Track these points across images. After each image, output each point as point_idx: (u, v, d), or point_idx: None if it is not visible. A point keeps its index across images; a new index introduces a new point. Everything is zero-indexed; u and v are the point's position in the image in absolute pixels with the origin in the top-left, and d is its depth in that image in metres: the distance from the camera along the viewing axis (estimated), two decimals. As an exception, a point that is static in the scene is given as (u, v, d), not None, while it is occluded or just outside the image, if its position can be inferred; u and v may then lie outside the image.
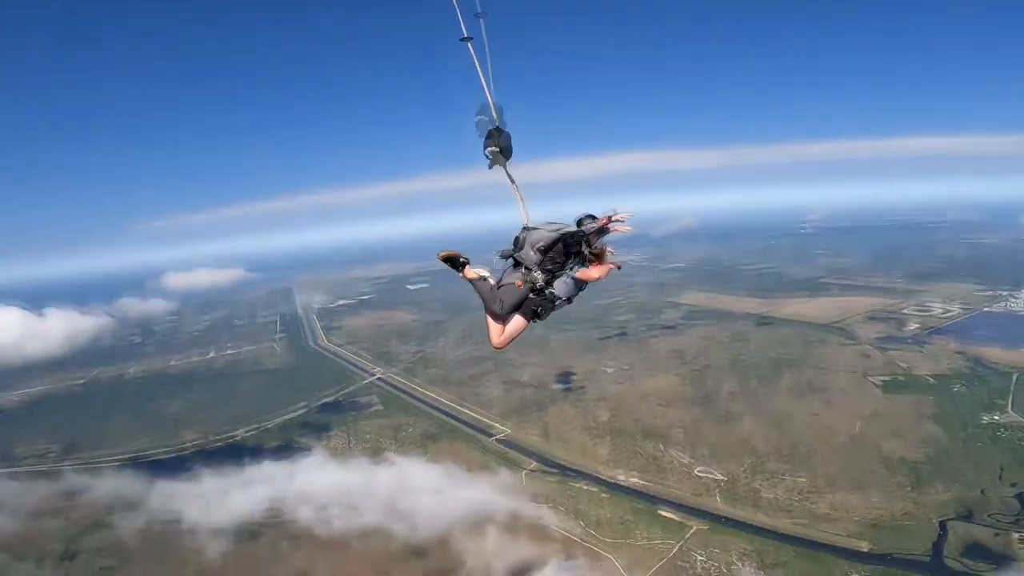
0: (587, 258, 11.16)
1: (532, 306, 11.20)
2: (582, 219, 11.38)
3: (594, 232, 11.14)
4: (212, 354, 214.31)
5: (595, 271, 11.16)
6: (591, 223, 11.25)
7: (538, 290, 11.14)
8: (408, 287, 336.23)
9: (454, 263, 11.36)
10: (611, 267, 11.35)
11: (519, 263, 11.23)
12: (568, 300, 11.44)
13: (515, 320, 11.28)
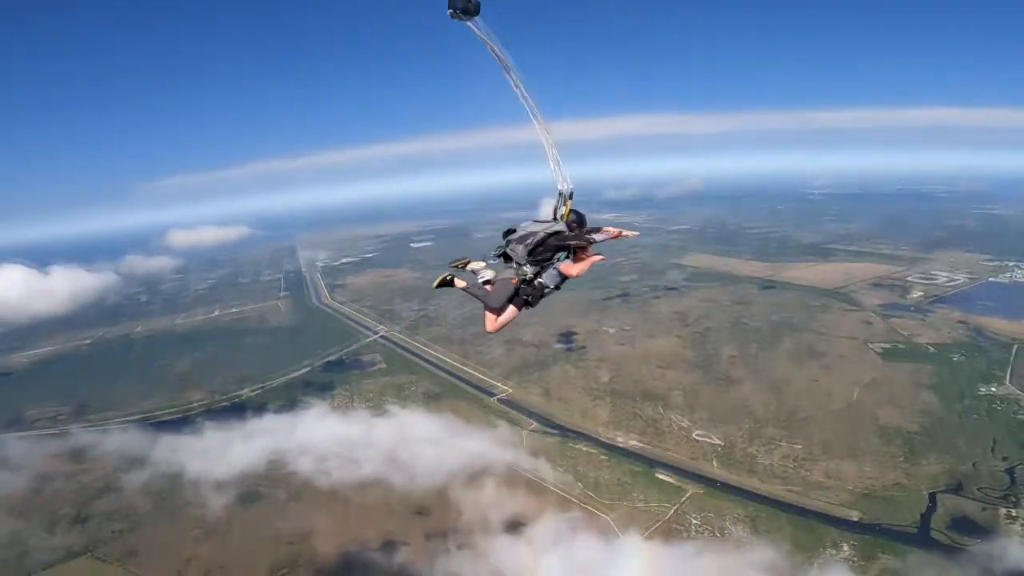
0: (571, 253, 12.46)
1: (523, 296, 12.72)
2: (574, 220, 12.72)
3: (590, 236, 12.62)
4: (217, 312, 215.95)
5: (575, 268, 12.34)
6: (598, 235, 12.79)
7: (528, 281, 12.59)
8: (411, 245, 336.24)
9: (448, 283, 13.49)
10: (594, 261, 12.42)
11: (511, 258, 12.63)
12: (556, 287, 12.74)
13: (509, 310, 12.87)
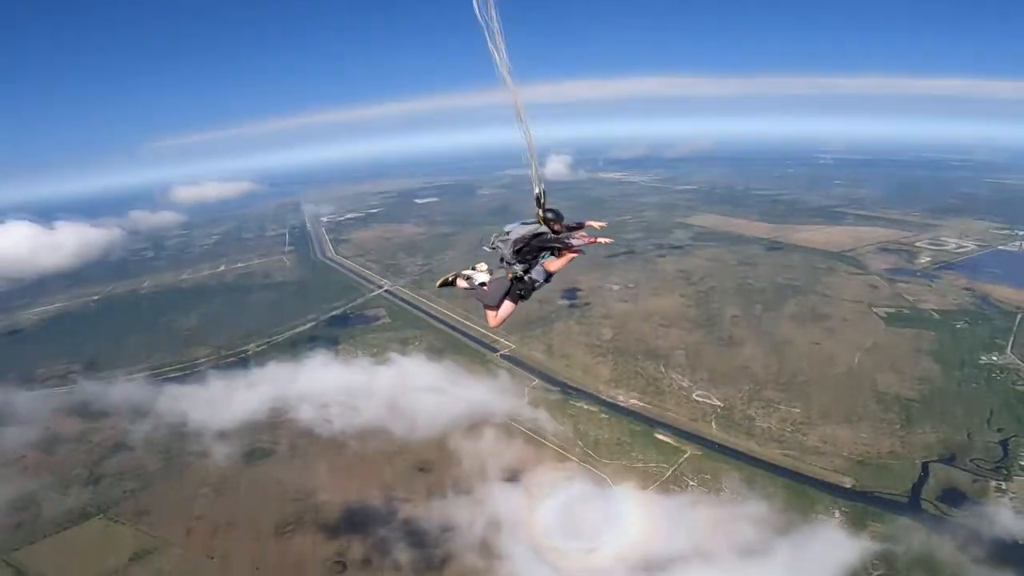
0: (555, 251, 13.84)
1: (517, 291, 14.14)
2: (550, 218, 13.78)
3: (569, 237, 13.89)
4: (222, 267, 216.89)
5: (555, 264, 13.88)
6: (578, 237, 13.93)
7: (520, 278, 14.00)
8: (416, 201, 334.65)
9: (450, 284, 14.88)
10: (572, 257, 13.91)
11: (502, 258, 14.01)
12: (545, 280, 14.17)
13: (505, 305, 14.27)
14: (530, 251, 13.80)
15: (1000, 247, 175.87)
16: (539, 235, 13.79)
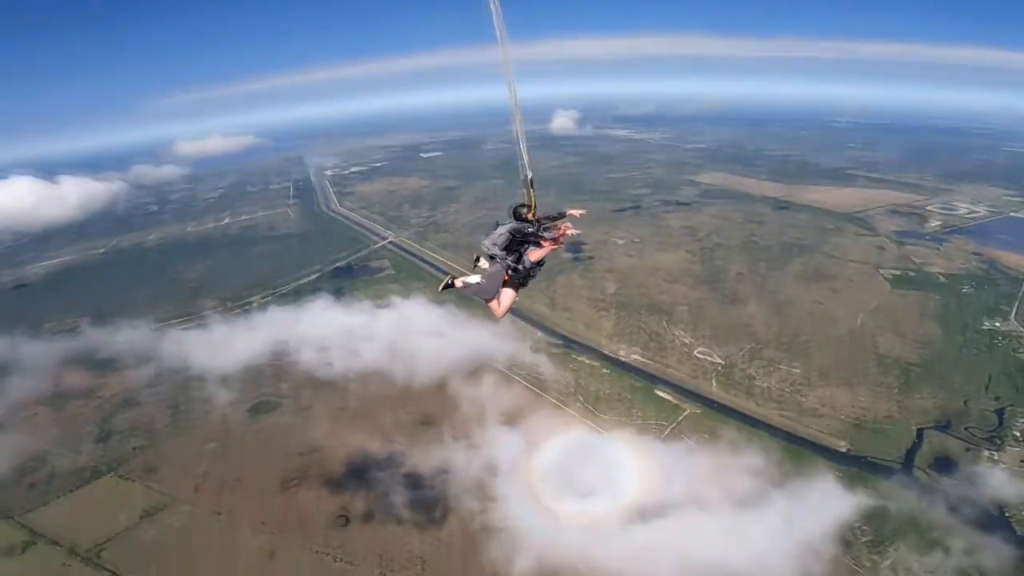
0: (536, 241, 15.47)
1: (516, 280, 15.67)
2: (517, 209, 15.72)
3: (548, 228, 15.61)
4: (227, 220, 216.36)
5: (536, 254, 15.54)
6: (548, 228, 15.59)
7: (514, 268, 15.56)
8: (421, 155, 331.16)
9: (449, 287, 16.32)
10: (553, 248, 15.71)
11: (493, 256, 15.63)
12: (538, 265, 15.77)
13: (505, 294, 15.69)
14: (515, 244, 15.45)
15: (1012, 214, 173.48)
16: (518, 230, 15.50)
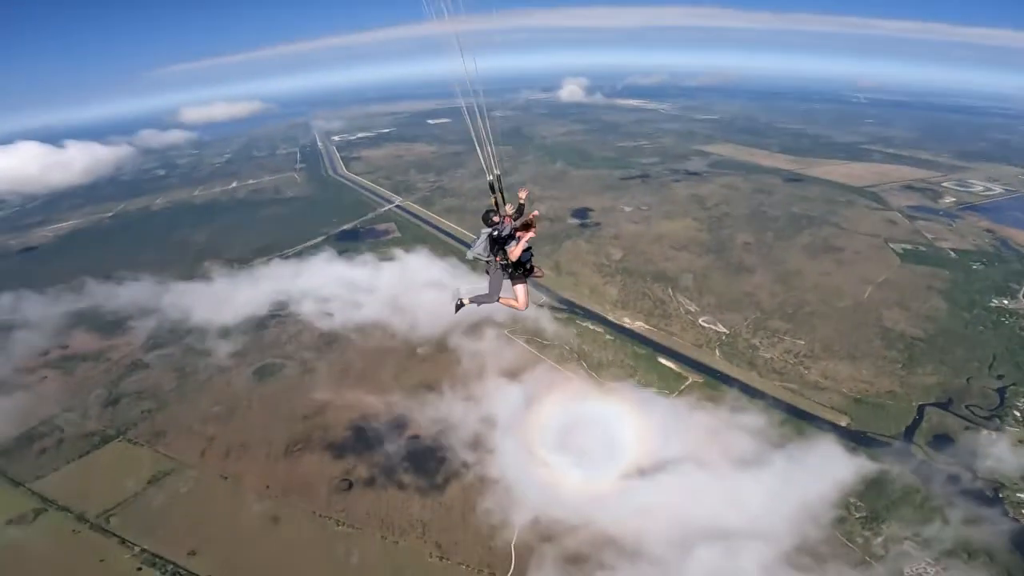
0: (513, 238, 17.14)
1: (519, 273, 17.49)
2: (487, 215, 17.33)
3: (518, 226, 17.26)
4: (234, 184, 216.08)
5: (514, 251, 16.96)
6: (517, 224, 17.41)
7: (507, 265, 17.33)
8: (428, 122, 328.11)
9: (462, 306, 18.44)
10: (526, 239, 17.01)
11: (488, 261, 17.51)
12: (529, 255, 17.52)
13: (517, 289, 17.66)
14: (497, 246, 17.21)
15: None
16: (492, 235, 17.24)
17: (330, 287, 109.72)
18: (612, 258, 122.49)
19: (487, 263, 17.67)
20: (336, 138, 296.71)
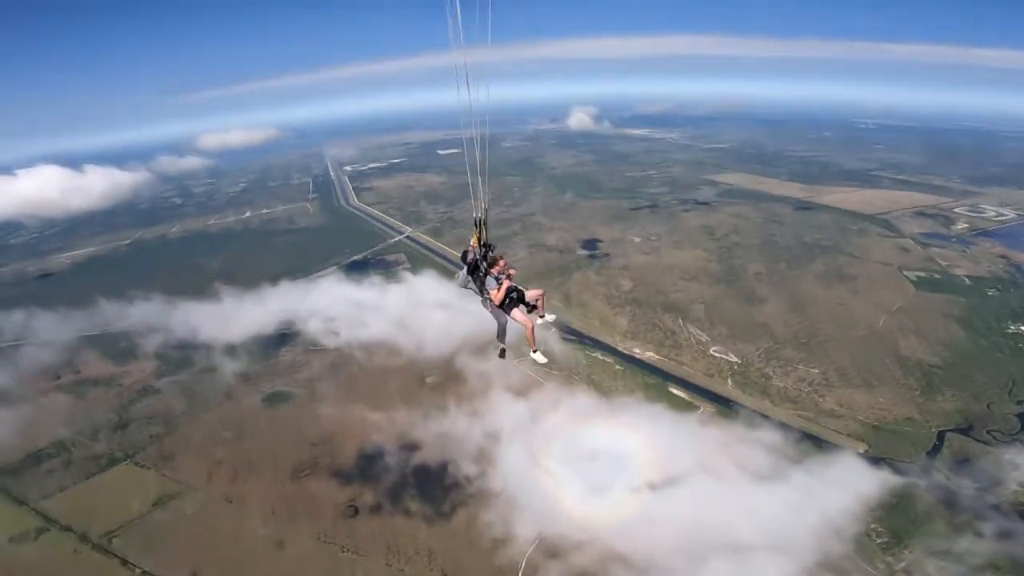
0: (487, 272, 19.05)
1: (510, 304, 19.09)
2: (466, 257, 19.67)
3: (491, 263, 18.99)
4: (248, 214, 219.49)
5: (495, 296, 18.75)
6: (491, 263, 19.03)
7: (495, 298, 19.01)
8: (439, 152, 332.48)
9: (503, 353, 20.55)
10: (503, 289, 18.82)
11: (483, 292, 19.20)
12: (516, 289, 19.29)
13: (515, 313, 19.13)
14: (478, 281, 19.16)
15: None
16: (471, 269, 19.36)
17: (337, 307, 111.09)
18: (622, 289, 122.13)
19: (484, 302, 19.48)
20: (348, 168, 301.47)
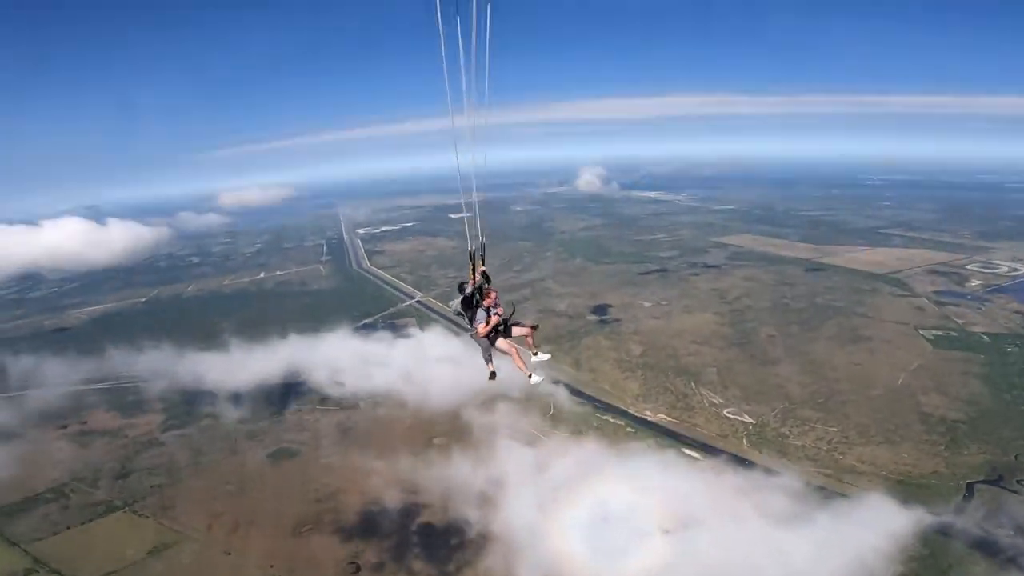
0: (479, 305, 19.57)
1: (495, 334, 19.64)
2: (462, 287, 19.88)
3: (484, 295, 19.51)
4: (262, 275, 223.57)
5: (481, 329, 19.39)
6: (484, 295, 19.57)
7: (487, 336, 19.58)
8: (450, 216, 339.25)
9: (493, 374, 20.17)
10: (493, 324, 19.45)
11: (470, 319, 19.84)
12: (503, 320, 19.87)
13: (500, 343, 19.71)
14: (469, 310, 19.66)
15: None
16: (465, 301, 19.68)
17: (345, 359, 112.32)
18: (632, 353, 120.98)
19: (471, 332, 20.10)
20: (361, 231, 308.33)
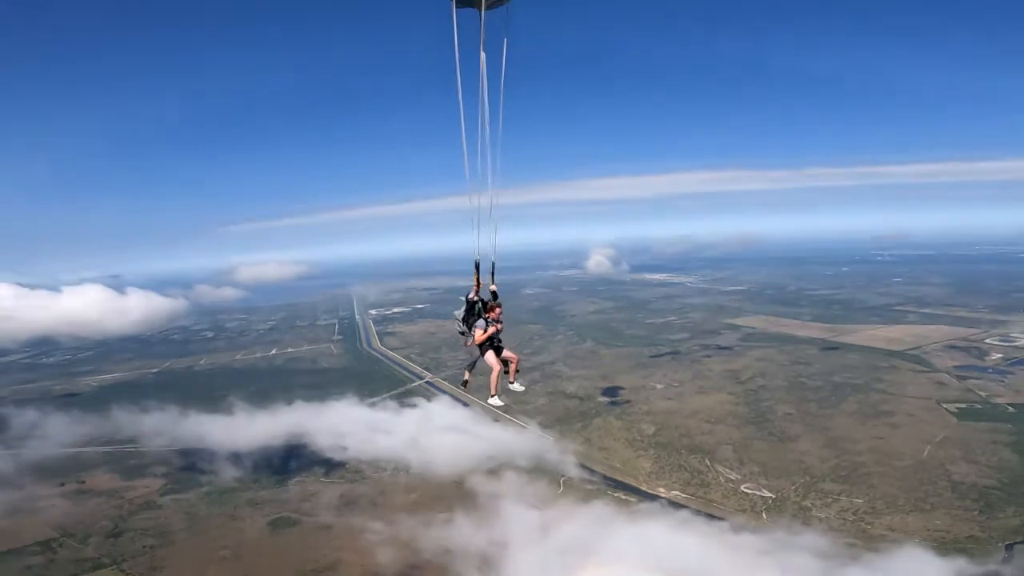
0: (481, 315, 21.35)
1: (491, 347, 21.09)
2: (467, 296, 21.90)
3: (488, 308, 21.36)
4: (274, 352, 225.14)
5: (478, 337, 20.96)
6: (488, 307, 21.43)
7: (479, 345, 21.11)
8: (460, 298, 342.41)
9: (465, 383, 24.77)
10: (492, 332, 21.06)
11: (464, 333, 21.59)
12: (497, 330, 21.32)
13: (489, 355, 21.15)
14: (471, 320, 21.29)
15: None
16: (469, 309, 21.54)
17: (349, 425, 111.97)
18: (644, 433, 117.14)
19: (466, 338, 21.47)
20: (373, 312, 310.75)
